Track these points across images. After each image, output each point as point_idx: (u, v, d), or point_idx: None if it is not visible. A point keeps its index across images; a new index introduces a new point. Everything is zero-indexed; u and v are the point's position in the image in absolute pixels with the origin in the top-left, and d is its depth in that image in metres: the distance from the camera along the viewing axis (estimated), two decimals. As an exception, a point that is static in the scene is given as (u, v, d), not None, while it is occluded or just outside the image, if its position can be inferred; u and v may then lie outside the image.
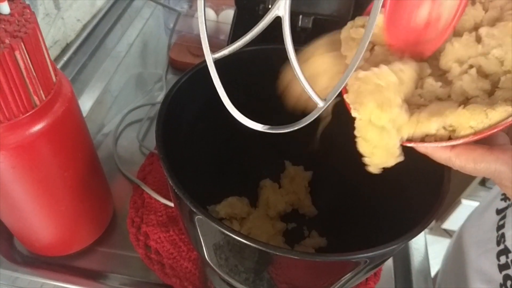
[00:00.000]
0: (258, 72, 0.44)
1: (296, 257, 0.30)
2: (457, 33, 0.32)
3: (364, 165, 0.33)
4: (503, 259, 0.48)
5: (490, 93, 0.30)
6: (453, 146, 0.29)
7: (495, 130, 0.27)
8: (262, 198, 0.51)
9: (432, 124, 0.29)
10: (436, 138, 0.30)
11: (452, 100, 0.30)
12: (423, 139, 0.30)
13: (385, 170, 0.38)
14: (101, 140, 0.62)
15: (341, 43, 0.35)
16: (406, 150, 0.31)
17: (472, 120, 0.28)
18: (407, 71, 0.30)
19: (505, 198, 0.53)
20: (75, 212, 0.44)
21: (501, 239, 0.49)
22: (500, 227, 0.50)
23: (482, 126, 0.28)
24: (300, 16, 0.54)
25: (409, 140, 0.30)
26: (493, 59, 0.29)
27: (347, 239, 0.46)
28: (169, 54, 0.76)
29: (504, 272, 0.47)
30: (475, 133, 0.28)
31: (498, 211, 0.53)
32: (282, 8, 0.26)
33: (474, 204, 0.74)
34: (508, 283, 0.46)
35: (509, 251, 0.47)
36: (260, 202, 0.51)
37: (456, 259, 0.60)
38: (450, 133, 0.29)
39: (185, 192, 0.31)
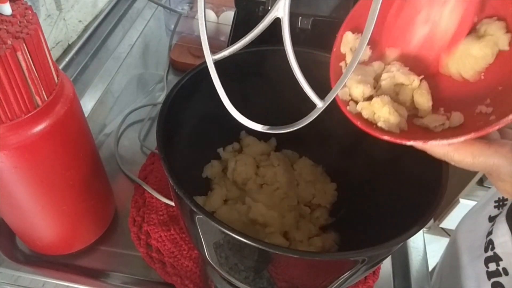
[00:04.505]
0: (258, 73, 0.44)
1: (295, 256, 0.30)
2: None
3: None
4: (492, 266, 0.47)
5: None
6: None
7: (497, 127, 0.27)
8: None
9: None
10: (435, 135, 0.29)
11: None
12: (425, 136, 0.30)
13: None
14: (102, 140, 0.62)
15: None
16: (405, 150, 0.31)
17: None
18: None
19: (498, 205, 0.52)
20: (77, 211, 0.44)
21: (488, 245, 0.49)
22: (489, 233, 0.49)
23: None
24: (300, 17, 0.54)
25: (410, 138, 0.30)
26: None
27: (345, 237, 0.46)
28: (170, 55, 0.76)
29: (493, 280, 0.47)
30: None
31: (491, 218, 0.52)
32: (282, 9, 0.26)
33: (472, 203, 0.73)
34: None
35: (500, 259, 0.46)
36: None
37: (451, 263, 0.59)
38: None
39: (186, 192, 0.32)
